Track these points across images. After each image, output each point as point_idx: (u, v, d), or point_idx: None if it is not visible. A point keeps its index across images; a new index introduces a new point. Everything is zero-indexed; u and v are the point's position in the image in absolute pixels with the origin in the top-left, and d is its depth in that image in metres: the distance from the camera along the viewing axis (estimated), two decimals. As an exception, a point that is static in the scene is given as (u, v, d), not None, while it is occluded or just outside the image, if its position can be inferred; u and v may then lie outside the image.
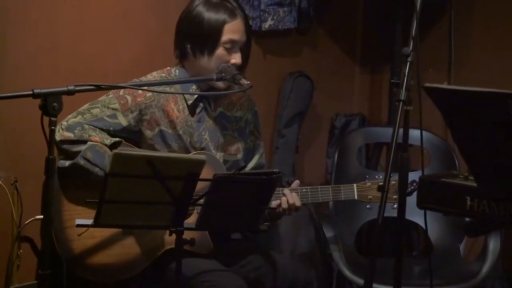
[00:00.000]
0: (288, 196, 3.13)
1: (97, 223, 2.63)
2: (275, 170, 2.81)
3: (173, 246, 2.75)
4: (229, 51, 3.14)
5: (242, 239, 3.28)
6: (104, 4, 3.54)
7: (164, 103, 3.16)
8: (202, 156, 2.70)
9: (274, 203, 3.10)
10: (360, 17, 4.60)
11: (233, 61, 3.14)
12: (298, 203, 3.14)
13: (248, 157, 3.33)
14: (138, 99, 3.14)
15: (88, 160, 3.02)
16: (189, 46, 3.16)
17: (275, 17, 4.09)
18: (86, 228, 2.73)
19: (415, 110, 2.69)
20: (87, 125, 3.09)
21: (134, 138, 3.17)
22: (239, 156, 3.28)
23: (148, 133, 3.16)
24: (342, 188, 3.24)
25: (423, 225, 2.88)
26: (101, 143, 3.06)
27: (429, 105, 2.48)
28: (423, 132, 2.80)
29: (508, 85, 2.39)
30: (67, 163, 3.06)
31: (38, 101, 2.56)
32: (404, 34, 4.06)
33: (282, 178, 3.15)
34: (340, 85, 4.58)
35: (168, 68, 3.24)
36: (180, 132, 3.16)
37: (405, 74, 2.68)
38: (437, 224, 3.77)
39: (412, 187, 3.02)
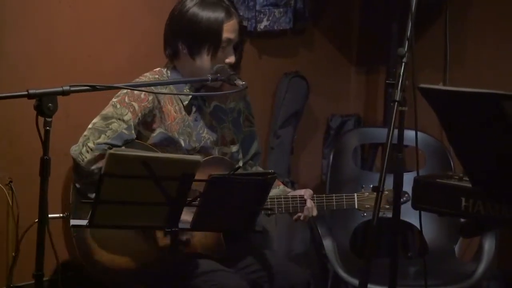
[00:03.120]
0: (310, 209, 3.17)
1: (91, 224, 2.63)
2: (270, 171, 2.80)
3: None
4: (224, 50, 3.13)
5: (239, 241, 3.27)
6: (101, 4, 3.54)
7: (163, 104, 3.13)
8: (197, 157, 2.70)
9: (296, 215, 3.16)
10: (356, 17, 4.60)
11: (227, 60, 3.13)
12: (314, 213, 3.18)
13: (245, 144, 3.31)
14: (143, 104, 3.08)
15: None
16: (185, 46, 3.14)
17: (270, 18, 4.09)
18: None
19: (410, 110, 2.69)
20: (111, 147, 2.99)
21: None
22: (234, 148, 3.26)
23: (147, 133, 3.11)
24: (344, 196, 3.26)
25: (418, 226, 2.88)
26: None
27: (424, 106, 2.48)
28: (418, 132, 2.80)
29: (503, 85, 2.39)
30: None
31: (33, 101, 2.56)
32: (400, 34, 4.05)
33: (277, 178, 3.15)
34: (336, 86, 4.58)
35: (159, 68, 3.20)
36: (176, 135, 3.13)
37: (400, 74, 2.68)
38: (432, 225, 3.77)
39: (404, 198, 3.06)
